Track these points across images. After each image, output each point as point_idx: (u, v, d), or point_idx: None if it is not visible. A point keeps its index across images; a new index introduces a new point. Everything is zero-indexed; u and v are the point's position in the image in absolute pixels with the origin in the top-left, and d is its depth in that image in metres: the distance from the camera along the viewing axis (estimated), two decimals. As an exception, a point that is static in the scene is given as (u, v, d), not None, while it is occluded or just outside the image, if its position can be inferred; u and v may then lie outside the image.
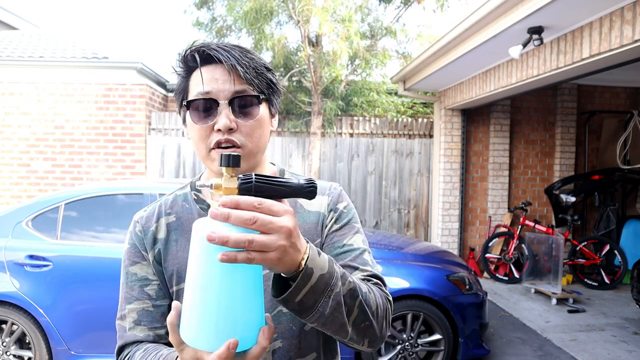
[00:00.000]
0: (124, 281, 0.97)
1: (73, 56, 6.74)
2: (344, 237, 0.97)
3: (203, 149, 0.90)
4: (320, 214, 1.00)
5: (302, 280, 0.71)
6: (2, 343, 3.26)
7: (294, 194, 0.71)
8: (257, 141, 0.91)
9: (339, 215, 1.00)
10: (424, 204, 6.99)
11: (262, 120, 0.92)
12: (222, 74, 0.88)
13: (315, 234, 0.97)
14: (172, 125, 6.85)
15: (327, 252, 0.96)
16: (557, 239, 5.43)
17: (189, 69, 0.92)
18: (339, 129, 6.96)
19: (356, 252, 0.95)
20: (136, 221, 1.00)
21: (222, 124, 0.86)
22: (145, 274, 0.96)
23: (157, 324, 0.94)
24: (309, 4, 5.59)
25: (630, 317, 4.89)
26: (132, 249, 0.98)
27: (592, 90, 6.80)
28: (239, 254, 0.62)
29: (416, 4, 6.63)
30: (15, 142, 6.68)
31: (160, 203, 1.02)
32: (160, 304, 0.95)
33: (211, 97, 0.88)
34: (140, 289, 0.95)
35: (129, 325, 0.94)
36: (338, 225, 0.99)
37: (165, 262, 0.96)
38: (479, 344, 3.49)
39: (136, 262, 0.97)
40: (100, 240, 3.31)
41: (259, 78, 0.90)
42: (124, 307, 0.96)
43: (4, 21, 9.45)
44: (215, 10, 7.02)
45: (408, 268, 3.50)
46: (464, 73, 5.49)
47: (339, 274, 0.77)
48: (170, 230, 0.97)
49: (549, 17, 3.45)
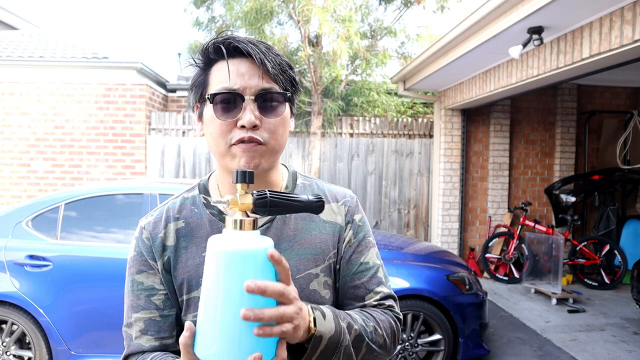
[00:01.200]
0: (130, 288, 0.94)
1: (73, 56, 6.74)
2: (360, 255, 0.97)
3: (223, 145, 0.86)
4: (336, 225, 0.97)
5: (313, 347, 0.77)
6: (2, 343, 3.26)
7: (304, 209, 0.74)
8: (279, 140, 0.89)
9: (355, 230, 0.99)
10: (424, 204, 6.99)
11: (285, 118, 0.89)
12: (248, 69, 0.85)
13: (332, 245, 0.96)
14: (172, 125, 6.85)
15: (343, 269, 0.96)
16: (557, 239, 5.43)
17: (209, 62, 0.89)
18: (339, 129, 6.96)
19: (371, 272, 0.97)
20: (143, 227, 0.95)
21: (246, 120, 0.83)
22: (152, 283, 0.92)
23: (164, 333, 0.91)
24: (309, 4, 5.59)
25: (630, 317, 4.89)
26: (138, 256, 0.94)
27: (592, 90, 6.80)
28: (275, 329, 0.67)
29: (416, 4, 6.63)
30: (15, 142, 6.68)
31: (167, 207, 0.97)
32: (167, 313, 0.92)
33: (237, 92, 0.84)
34: (147, 299, 0.92)
35: (135, 334, 0.92)
36: (355, 241, 0.98)
37: (175, 270, 0.91)
38: (479, 344, 3.49)
39: (142, 271, 0.93)
40: (100, 240, 3.31)
41: (284, 75, 0.88)
42: (130, 315, 0.93)
43: (4, 21, 9.46)
44: (214, 10, 7.02)
45: (408, 268, 3.50)
46: (464, 73, 5.49)
47: (345, 328, 0.82)
48: (179, 236, 0.93)
49: (549, 17, 3.45)
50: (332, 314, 0.81)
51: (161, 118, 6.85)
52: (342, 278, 0.96)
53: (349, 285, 0.96)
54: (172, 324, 0.92)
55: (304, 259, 0.92)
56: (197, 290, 0.89)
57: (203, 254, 0.90)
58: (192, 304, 0.89)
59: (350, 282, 0.96)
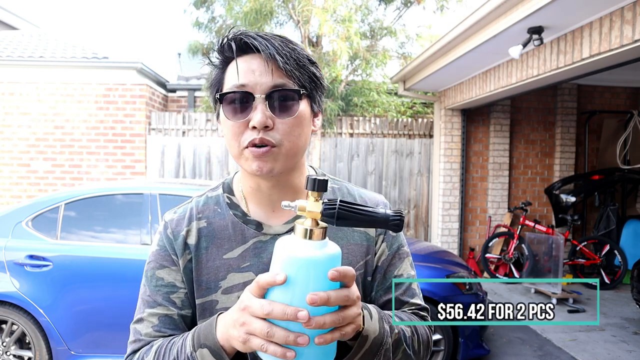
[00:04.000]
0: (147, 284, 0.89)
1: (73, 56, 6.74)
2: (394, 267, 0.94)
3: (236, 147, 0.82)
4: (366, 236, 0.92)
5: (359, 346, 0.75)
6: (2, 343, 3.26)
7: (378, 225, 0.70)
8: (295, 140, 0.83)
9: (390, 242, 0.95)
10: (424, 204, 6.99)
11: (302, 117, 0.83)
12: (259, 65, 0.80)
13: (360, 255, 0.91)
14: (172, 125, 6.85)
15: (378, 281, 0.93)
16: (557, 239, 5.43)
17: (226, 60, 0.84)
18: (339, 129, 6.96)
19: (406, 284, 0.95)
20: (167, 222, 0.91)
21: (257, 120, 0.78)
22: (174, 280, 0.88)
23: (179, 332, 0.86)
24: (309, 4, 5.59)
25: (630, 317, 4.89)
26: (161, 251, 0.89)
27: (592, 90, 6.80)
28: (334, 334, 0.66)
29: (416, 4, 6.63)
30: (15, 142, 6.68)
31: (191, 205, 0.93)
32: (185, 313, 0.87)
33: (246, 91, 0.80)
34: (166, 296, 0.87)
35: (145, 330, 0.86)
36: (390, 253, 0.94)
37: (195, 270, 0.88)
38: (479, 344, 3.49)
39: (165, 266, 0.88)
40: (100, 240, 3.31)
41: (300, 71, 0.82)
42: (143, 310, 0.88)
43: (4, 21, 9.45)
44: (214, 10, 7.02)
45: (408, 268, 3.50)
46: (464, 73, 5.49)
47: (388, 330, 0.80)
48: (200, 236, 0.89)
49: (549, 17, 3.45)
50: (377, 315, 0.80)
51: (161, 118, 6.85)
52: (376, 291, 0.93)
53: (383, 299, 0.93)
54: (188, 326, 0.88)
55: None
56: (215, 293, 0.86)
57: (224, 256, 0.88)
58: (208, 308, 0.86)
59: (385, 296, 0.93)
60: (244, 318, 0.66)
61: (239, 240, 0.88)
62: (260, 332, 0.64)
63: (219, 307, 0.85)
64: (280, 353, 0.64)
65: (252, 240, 0.88)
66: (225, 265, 0.87)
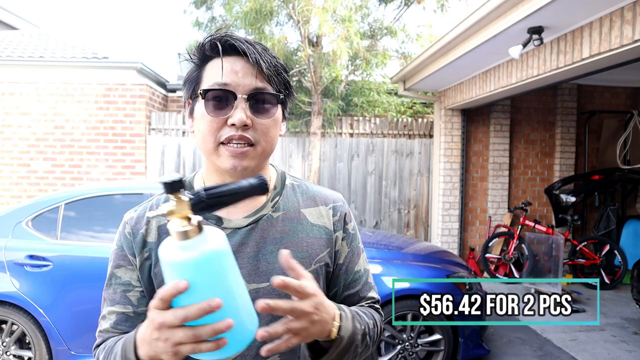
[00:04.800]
0: (108, 282, 0.94)
1: (73, 56, 6.74)
2: (353, 263, 1.00)
3: (211, 143, 0.85)
4: (325, 230, 0.97)
5: (335, 346, 0.80)
6: (2, 343, 3.26)
7: (249, 194, 0.71)
8: (270, 141, 0.88)
9: (349, 239, 1.00)
10: (424, 204, 6.99)
11: (277, 120, 0.89)
12: (243, 67, 0.85)
13: (319, 249, 0.95)
14: (172, 125, 6.85)
15: (339, 278, 0.99)
16: (557, 239, 5.43)
17: (204, 58, 0.88)
18: (339, 129, 6.96)
19: (364, 279, 1.01)
20: (126, 222, 0.95)
21: (237, 118, 0.82)
22: (129, 279, 0.91)
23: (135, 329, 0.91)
24: (309, 4, 5.59)
25: (630, 317, 4.89)
26: (119, 250, 0.93)
27: (592, 90, 6.80)
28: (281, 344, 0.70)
29: (416, 4, 6.63)
30: (15, 142, 6.68)
31: (152, 203, 0.96)
32: (141, 311, 0.90)
33: (229, 90, 0.84)
34: (123, 294, 0.91)
35: (105, 325, 0.92)
36: (350, 250, 1.00)
37: (156, 267, 0.90)
38: (479, 344, 3.49)
39: (121, 266, 0.92)
40: (100, 240, 3.31)
41: (278, 77, 0.87)
42: (105, 307, 0.93)
43: (4, 21, 9.45)
44: (214, 10, 7.02)
45: (408, 268, 3.50)
46: (464, 73, 5.49)
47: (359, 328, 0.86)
48: (161, 233, 0.91)
49: (549, 17, 3.45)
50: (350, 314, 0.85)
51: (161, 118, 6.85)
52: (338, 286, 0.99)
53: (344, 294, 0.99)
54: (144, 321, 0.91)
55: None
56: None
57: None
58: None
59: (345, 291, 0.99)
60: (164, 334, 0.66)
61: None
62: (187, 338, 0.65)
63: None
64: (214, 346, 0.65)
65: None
66: None
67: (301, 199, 0.99)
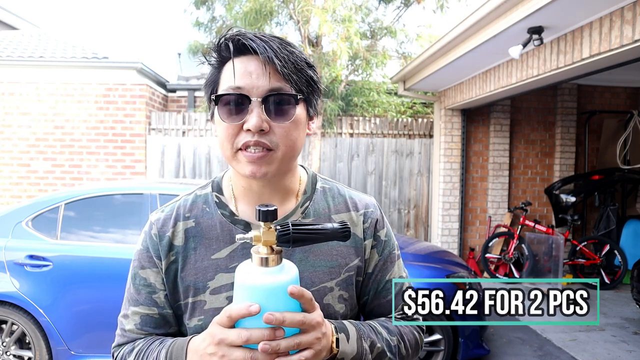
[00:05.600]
0: (131, 281, 0.92)
1: (73, 56, 6.74)
2: (386, 272, 0.97)
3: (229, 149, 0.83)
4: (355, 237, 0.93)
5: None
6: (2, 343, 3.26)
7: (330, 239, 0.75)
8: (291, 144, 0.83)
9: (382, 247, 0.96)
10: (424, 204, 6.99)
11: (298, 121, 0.83)
12: (256, 68, 0.79)
13: (349, 257, 0.92)
14: (172, 125, 6.85)
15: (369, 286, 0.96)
16: (557, 239, 5.43)
17: (222, 59, 0.84)
18: (339, 129, 6.96)
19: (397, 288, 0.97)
20: (152, 222, 0.92)
21: (252, 123, 0.78)
22: (154, 281, 0.89)
23: (160, 329, 0.90)
24: (309, 4, 5.59)
25: (630, 317, 4.89)
26: (144, 251, 0.91)
27: (592, 90, 6.80)
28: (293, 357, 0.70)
29: (416, 4, 6.63)
30: (15, 142, 6.68)
31: (179, 204, 0.93)
32: (165, 312, 0.90)
33: (242, 93, 0.79)
34: (148, 295, 0.90)
35: (129, 326, 0.90)
36: (381, 258, 0.96)
37: (183, 272, 0.88)
38: (479, 344, 3.49)
39: (146, 267, 0.90)
40: (100, 240, 3.31)
41: (297, 74, 0.81)
42: (128, 307, 0.91)
43: (4, 21, 9.45)
44: (214, 10, 7.02)
45: (408, 268, 3.48)
46: (464, 73, 5.49)
47: (367, 348, 0.83)
48: (188, 237, 0.89)
49: (549, 17, 3.45)
50: (356, 334, 0.83)
51: (161, 118, 6.85)
52: (368, 295, 0.96)
53: (374, 303, 0.96)
54: (169, 322, 0.91)
55: (319, 271, 0.89)
56: (204, 293, 0.87)
57: (212, 256, 0.88)
58: (199, 307, 0.87)
59: (376, 300, 0.96)
60: (222, 351, 0.69)
61: (227, 240, 0.89)
62: (243, 358, 0.68)
63: (207, 307, 0.87)
64: None
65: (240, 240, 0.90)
66: (214, 266, 0.88)
67: (332, 203, 0.95)
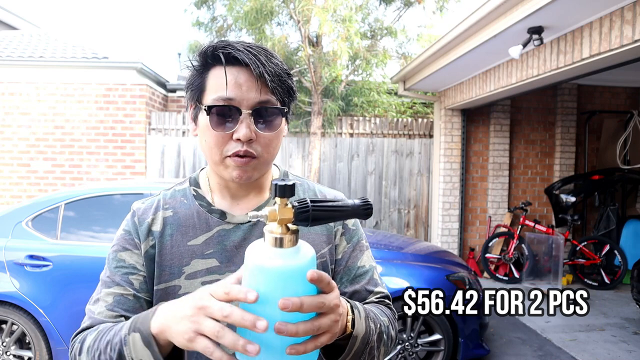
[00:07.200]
0: (108, 266, 0.92)
1: (73, 56, 6.74)
2: (356, 259, 1.00)
3: (217, 155, 0.86)
4: (326, 226, 0.98)
5: (349, 347, 0.78)
6: (2, 343, 3.26)
7: (351, 216, 0.70)
8: (272, 151, 0.90)
9: (349, 235, 1.00)
10: (424, 204, 6.99)
11: (280, 132, 0.90)
12: (246, 80, 0.84)
13: (320, 245, 0.96)
14: (172, 125, 6.85)
15: (342, 274, 0.98)
16: (557, 239, 5.44)
17: (206, 65, 0.87)
18: (339, 129, 6.96)
19: (369, 275, 1.00)
20: (134, 210, 0.97)
21: (242, 134, 0.83)
22: (135, 262, 0.91)
23: (132, 313, 0.85)
24: (309, 4, 5.59)
25: (630, 317, 4.89)
26: (125, 235, 0.94)
27: (592, 90, 6.80)
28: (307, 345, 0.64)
29: (416, 4, 6.63)
30: (15, 142, 6.68)
31: (159, 197, 0.98)
32: (141, 296, 0.89)
33: (234, 105, 0.83)
34: (124, 276, 0.89)
35: (99, 309, 0.86)
36: (349, 245, 1.00)
37: (158, 256, 0.91)
38: (479, 344, 3.49)
39: (127, 249, 0.92)
40: (100, 240, 3.31)
41: (281, 86, 0.87)
42: (100, 290, 0.89)
43: (4, 21, 9.45)
44: (215, 10, 7.02)
45: (408, 268, 3.50)
46: (464, 73, 5.49)
47: (373, 328, 0.83)
48: (166, 224, 0.93)
49: (549, 17, 3.45)
50: (364, 313, 0.82)
51: (161, 118, 6.85)
52: (341, 283, 0.98)
53: (349, 290, 0.98)
54: (142, 307, 0.89)
55: None
56: (178, 279, 0.89)
57: (188, 243, 0.91)
58: (171, 293, 0.88)
59: (350, 287, 0.98)
60: (197, 317, 0.64)
61: (203, 228, 0.93)
62: (211, 331, 0.62)
63: (182, 292, 0.88)
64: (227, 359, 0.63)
65: (216, 228, 0.92)
66: (189, 252, 0.91)
67: (303, 195, 1.00)
